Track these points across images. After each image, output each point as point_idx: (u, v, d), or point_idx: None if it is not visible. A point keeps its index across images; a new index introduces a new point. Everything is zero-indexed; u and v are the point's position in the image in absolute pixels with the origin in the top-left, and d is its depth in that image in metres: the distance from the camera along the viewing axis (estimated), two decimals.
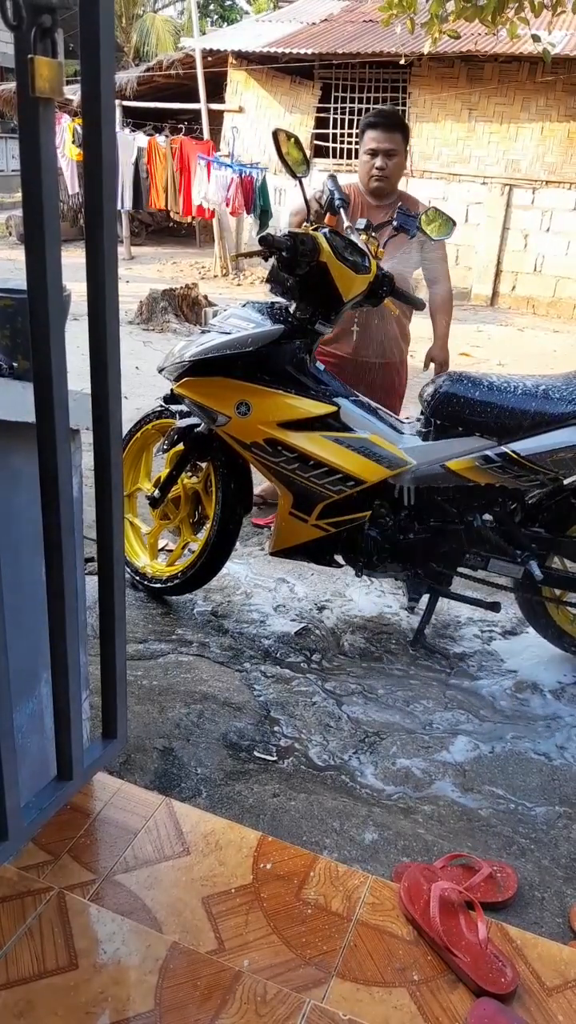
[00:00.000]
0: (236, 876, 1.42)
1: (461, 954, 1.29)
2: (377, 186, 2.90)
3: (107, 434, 1.28)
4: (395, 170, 2.89)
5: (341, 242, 2.23)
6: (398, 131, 2.86)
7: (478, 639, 2.72)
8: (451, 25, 4.62)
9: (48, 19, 0.97)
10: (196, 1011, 1.17)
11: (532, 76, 9.72)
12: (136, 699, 2.22)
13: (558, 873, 1.79)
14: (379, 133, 2.85)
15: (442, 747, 2.17)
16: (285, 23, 12.11)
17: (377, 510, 2.35)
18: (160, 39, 19.35)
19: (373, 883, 1.44)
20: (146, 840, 1.48)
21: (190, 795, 1.91)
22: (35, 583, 1.31)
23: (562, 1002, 1.26)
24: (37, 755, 1.51)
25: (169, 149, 10.56)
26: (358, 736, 2.20)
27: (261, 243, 2.15)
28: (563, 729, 2.28)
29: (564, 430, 2.10)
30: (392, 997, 1.23)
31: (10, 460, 1.31)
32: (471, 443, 2.19)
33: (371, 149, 2.86)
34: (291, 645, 2.60)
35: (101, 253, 1.17)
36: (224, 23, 22.24)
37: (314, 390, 2.26)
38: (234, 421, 2.28)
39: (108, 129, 1.11)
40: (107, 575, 1.39)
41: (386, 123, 2.86)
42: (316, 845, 1.79)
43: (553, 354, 7.74)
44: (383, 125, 2.85)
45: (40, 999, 1.17)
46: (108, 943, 1.26)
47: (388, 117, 2.90)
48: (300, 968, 1.26)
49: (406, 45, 8.75)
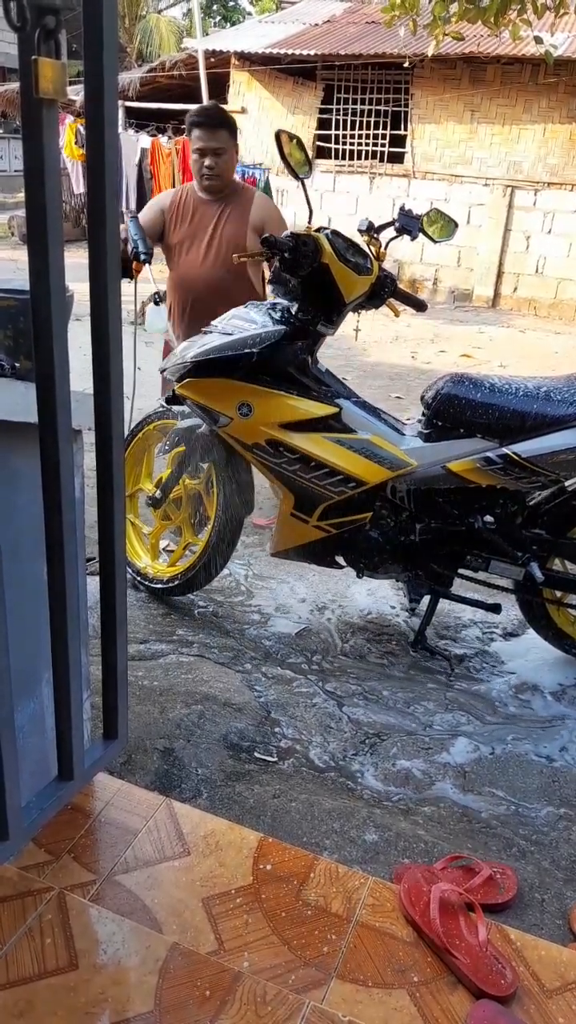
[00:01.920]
0: (236, 877, 1.42)
1: (461, 956, 1.29)
2: (208, 184, 2.91)
3: (109, 434, 1.29)
4: (225, 167, 2.90)
5: (343, 243, 2.24)
6: (223, 128, 2.85)
7: (479, 640, 2.72)
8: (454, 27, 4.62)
9: (52, 20, 0.97)
10: (196, 1012, 1.17)
11: (534, 78, 9.71)
12: (137, 699, 2.22)
13: (558, 875, 1.78)
14: (204, 132, 2.84)
15: (442, 748, 2.17)
16: (288, 24, 12.11)
17: (378, 511, 2.35)
18: (163, 40, 19.35)
19: (373, 884, 1.44)
20: (146, 841, 1.48)
21: (190, 796, 1.91)
22: (37, 583, 1.31)
23: (562, 1004, 1.26)
24: (38, 755, 1.51)
25: (173, 149, 10.56)
26: (359, 737, 2.20)
27: (263, 244, 2.15)
28: (564, 731, 2.28)
29: (565, 432, 2.10)
30: (392, 998, 1.23)
31: (12, 460, 1.32)
32: (472, 445, 2.19)
33: (198, 148, 2.86)
34: (292, 646, 2.60)
35: (103, 253, 1.17)
36: (227, 24, 22.26)
37: (316, 391, 2.26)
38: (236, 422, 2.28)
39: (111, 130, 1.11)
40: (108, 575, 1.39)
41: (209, 122, 2.85)
42: (316, 846, 1.79)
43: (555, 356, 7.73)
44: (207, 124, 2.84)
45: (40, 999, 1.17)
46: (108, 943, 1.27)
47: (211, 115, 2.88)
48: (300, 969, 1.26)
49: (409, 47, 8.75)
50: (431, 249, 10.34)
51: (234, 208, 2.94)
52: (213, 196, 2.95)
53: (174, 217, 2.98)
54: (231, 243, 2.91)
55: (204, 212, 2.94)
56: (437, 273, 10.73)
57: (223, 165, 2.89)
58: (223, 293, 2.91)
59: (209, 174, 2.88)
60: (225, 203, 2.94)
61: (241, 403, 2.26)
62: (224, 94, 11.89)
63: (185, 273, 2.99)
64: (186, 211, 2.97)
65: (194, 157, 2.91)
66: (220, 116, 2.90)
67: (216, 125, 2.84)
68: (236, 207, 2.95)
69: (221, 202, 2.94)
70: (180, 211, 2.97)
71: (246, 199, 2.98)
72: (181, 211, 2.97)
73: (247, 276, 2.99)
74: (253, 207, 2.95)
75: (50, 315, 1.10)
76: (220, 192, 2.95)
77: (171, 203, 2.99)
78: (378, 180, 10.88)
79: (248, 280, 3.00)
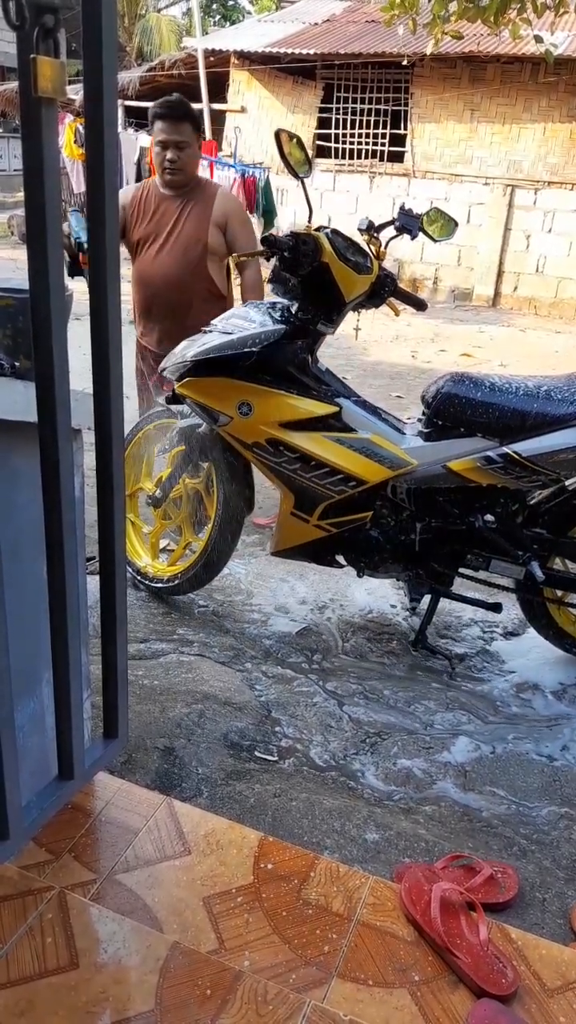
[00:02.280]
0: (237, 876, 1.42)
1: (462, 955, 1.29)
2: (171, 179, 2.84)
3: (109, 434, 1.29)
4: (188, 161, 2.83)
5: (343, 242, 2.23)
6: (186, 121, 2.78)
7: (479, 640, 2.72)
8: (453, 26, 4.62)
9: (51, 19, 0.97)
10: (196, 1011, 1.17)
11: (534, 77, 9.71)
12: (137, 699, 2.22)
13: (559, 874, 1.78)
14: (167, 124, 2.76)
15: (443, 748, 2.17)
16: (287, 23, 12.11)
17: (379, 510, 2.35)
18: (163, 39, 19.35)
19: (374, 883, 1.44)
20: (147, 840, 1.48)
21: (191, 795, 1.91)
22: (37, 582, 1.31)
23: (563, 1003, 1.26)
24: (38, 754, 1.51)
25: None
26: (359, 736, 2.20)
27: (263, 243, 2.15)
28: (565, 730, 2.28)
29: (566, 431, 2.10)
30: (393, 998, 1.23)
31: (12, 459, 1.32)
32: (473, 444, 2.19)
33: (161, 141, 2.78)
34: (292, 645, 2.60)
35: (103, 252, 1.17)
36: (227, 23, 22.25)
37: (316, 390, 2.26)
38: (236, 421, 2.28)
39: (110, 129, 1.11)
40: (109, 575, 1.39)
41: (173, 114, 2.76)
42: (317, 845, 1.79)
43: (555, 355, 7.73)
44: (170, 117, 2.75)
45: (41, 998, 1.17)
46: (109, 943, 1.26)
47: (174, 108, 2.79)
48: (301, 968, 1.26)
49: (408, 46, 8.75)
50: (431, 248, 10.34)
51: (196, 204, 2.88)
52: (175, 191, 2.88)
53: (135, 213, 2.92)
54: (192, 239, 2.86)
55: (166, 208, 2.88)
56: (437, 272, 10.73)
57: (186, 159, 2.81)
58: (182, 290, 2.89)
59: (171, 167, 2.80)
60: (187, 198, 2.88)
61: (241, 402, 2.26)
62: (224, 93, 11.90)
63: (144, 270, 2.94)
64: (147, 207, 2.90)
65: (156, 150, 2.83)
66: (184, 109, 2.81)
67: (180, 118, 2.77)
68: (199, 203, 2.88)
69: (183, 197, 2.88)
70: (141, 207, 2.91)
71: (209, 194, 2.91)
72: (142, 207, 2.91)
73: (207, 274, 2.93)
74: (216, 203, 2.89)
75: (49, 314, 1.10)
76: (183, 187, 2.87)
77: (132, 199, 2.93)
78: (378, 179, 10.88)
79: (209, 278, 2.94)
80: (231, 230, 2.91)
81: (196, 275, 2.91)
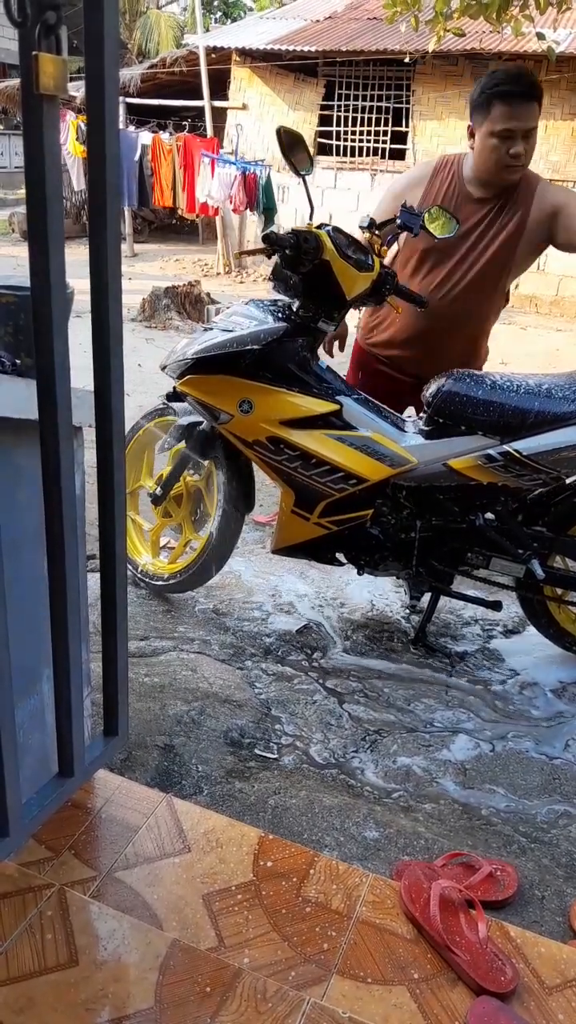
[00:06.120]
0: (236, 873, 1.42)
1: (461, 952, 1.29)
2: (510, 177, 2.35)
3: (110, 431, 1.28)
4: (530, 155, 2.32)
5: (344, 240, 2.23)
6: (535, 101, 2.24)
7: (479, 638, 2.72)
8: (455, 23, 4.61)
9: (52, 16, 0.97)
10: (196, 1008, 1.17)
11: (537, 74, 9.69)
12: (137, 696, 2.22)
13: (558, 872, 1.79)
14: (515, 107, 2.22)
15: (443, 745, 2.17)
16: (289, 20, 12.08)
17: (379, 508, 2.35)
18: (163, 36, 19.31)
19: (373, 881, 1.44)
20: (147, 837, 1.48)
21: (191, 792, 1.91)
22: (37, 580, 1.31)
23: (562, 1001, 1.26)
24: (38, 752, 1.51)
25: (174, 146, 10.55)
26: (359, 734, 2.20)
27: (264, 241, 2.14)
28: (564, 728, 2.28)
29: (566, 429, 2.10)
30: (392, 995, 1.23)
31: (13, 457, 1.32)
32: (473, 442, 2.19)
33: (504, 130, 2.23)
34: (292, 643, 2.60)
35: (104, 250, 1.17)
36: (228, 20, 22.20)
37: (316, 388, 2.26)
38: (236, 419, 2.28)
39: (112, 126, 1.11)
40: (109, 572, 1.39)
41: (522, 92, 2.21)
42: (316, 843, 1.79)
43: (556, 353, 7.72)
44: (519, 96, 2.21)
45: (40, 995, 1.17)
46: (109, 940, 1.27)
47: (523, 83, 2.23)
48: (300, 966, 1.26)
49: (410, 43, 8.73)
50: None
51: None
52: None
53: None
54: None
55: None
56: None
57: (531, 152, 2.30)
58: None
59: (514, 164, 2.30)
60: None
61: (242, 400, 2.26)
62: (225, 90, 11.88)
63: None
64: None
65: (493, 143, 2.26)
66: (534, 84, 2.25)
67: (531, 96, 2.22)
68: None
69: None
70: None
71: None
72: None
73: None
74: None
75: (51, 312, 1.10)
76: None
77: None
78: (379, 177, 10.86)
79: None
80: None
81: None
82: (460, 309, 2.47)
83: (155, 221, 14.68)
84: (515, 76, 2.25)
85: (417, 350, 2.57)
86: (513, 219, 2.39)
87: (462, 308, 2.47)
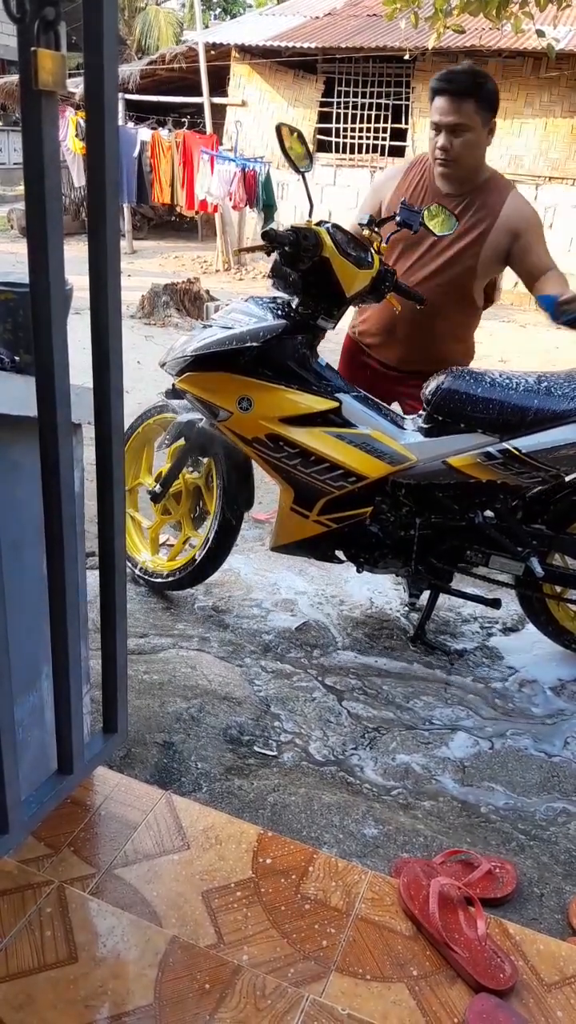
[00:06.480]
0: (236, 871, 1.42)
1: (460, 950, 1.29)
2: (441, 171, 2.41)
3: (109, 428, 1.28)
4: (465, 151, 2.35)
5: (344, 237, 2.23)
6: (470, 98, 2.30)
7: (478, 635, 2.72)
8: (455, 20, 4.60)
9: (51, 12, 0.97)
10: (195, 1005, 1.17)
11: (536, 71, 9.69)
12: (136, 693, 2.22)
13: (557, 869, 1.79)
14: (444, 101, 2.28)
15: (442, 743, 2.17)
16: (288, 17, 12.07)
17: (378, 506, 2.35)
18: (163, 32, 19.28)
19: (372, 878, 1.44)
20: (146, 834, 1.48)
21: (190, 789, 1.91)
22: (36, 577, 1.31)
23: (560, 998, 1.26)
24: (38, 749, 1.51)
25: (173, 143, 10.53)
26: (358, 732, 2.20)
27: (264, 238, 2.14)
28: (563, 726, 2.28)
29: (566, 427, 2.10)
30: (391, 992, 1.24)
31: (11, 454, 1.31)
32: (473, 440, 2.19)
33: (433, 123, 2.34)
34: (291, 640, 2.60)
35: (103, 247, 1.17)
36: (227, 16, 22.16)
37: (316, 386, 2.26)
38: (236, 416, 2.28)
39: (111, 123, 1.10)
40: (108, 569, 1.39)
41: (452, 89, 2.27)
42: (316, 840, 1.79)
43: (555, 350, 7.72)
44: (449, 92, 2.27)
45: (40, 992, 1.17)
46: (108, 937, 1.27)
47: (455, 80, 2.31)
48: (299, 962, 1.27)
49: (410, 40, 8.72)
50: None
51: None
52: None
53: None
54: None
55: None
56: None
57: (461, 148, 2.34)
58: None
59: (443, 158, 2.35)
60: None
61: (241, 397, 2.26)
62: (224, 87, 11.87)
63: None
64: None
65: (430, 134, 2.36)
66: (470, 81, 2.33)
67: (462, 93, 2.29)
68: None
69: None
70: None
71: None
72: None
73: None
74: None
75: (50, 309, 1.10)
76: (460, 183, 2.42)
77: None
78: (379, 174, 10.86)
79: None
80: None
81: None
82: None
83: (154, 218, 14.67)
84: (453, 73, 2.34)
85: (387, 338, 2.60)
86: (478, 222, 2.41)
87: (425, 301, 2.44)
